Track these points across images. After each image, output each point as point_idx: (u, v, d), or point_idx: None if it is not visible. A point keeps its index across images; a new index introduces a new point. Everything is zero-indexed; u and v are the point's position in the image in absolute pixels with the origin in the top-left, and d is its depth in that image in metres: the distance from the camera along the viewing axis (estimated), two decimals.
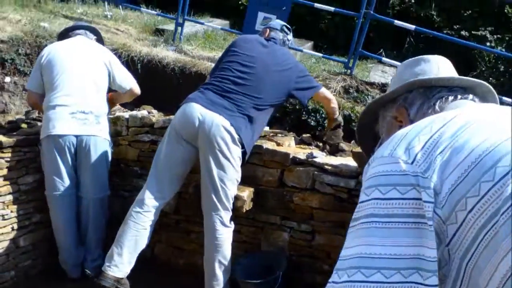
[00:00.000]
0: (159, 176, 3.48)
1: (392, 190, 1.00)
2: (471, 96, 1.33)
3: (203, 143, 3.30)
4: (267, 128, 4.20)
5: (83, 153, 3.78)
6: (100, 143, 3.80)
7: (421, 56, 1.50)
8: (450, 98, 1.30)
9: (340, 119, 3.96)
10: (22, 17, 5.17)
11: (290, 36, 3.94)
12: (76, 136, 3.72)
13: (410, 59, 1.53)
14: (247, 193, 3.61)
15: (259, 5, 5.15)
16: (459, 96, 1.31)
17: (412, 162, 1.01)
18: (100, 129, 3.79)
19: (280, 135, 4.03)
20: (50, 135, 3.71)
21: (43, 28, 4.98)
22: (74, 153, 3.79)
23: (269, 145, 3.74)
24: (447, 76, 1.38)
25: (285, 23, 3.96)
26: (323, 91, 3.78)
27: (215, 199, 3.33)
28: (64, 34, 4.08)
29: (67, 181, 3.83)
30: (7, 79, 4.71)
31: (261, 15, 5.14)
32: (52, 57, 3.82)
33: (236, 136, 3.29)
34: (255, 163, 3.74)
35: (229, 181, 3.34)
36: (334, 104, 3.84)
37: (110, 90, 3.96)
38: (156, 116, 4.20)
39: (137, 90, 4.00)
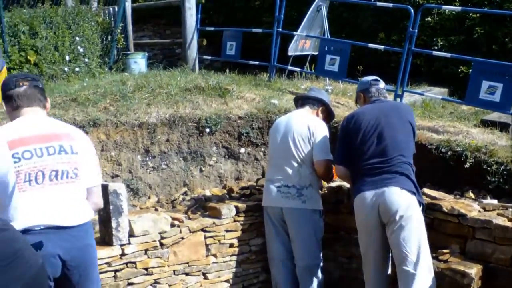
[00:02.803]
0: (370, 261, 3.67)
1: None
2: None
3: (388, 221, 3.46)
4: (495, 201, 3.95)
5: (289, 224, 4.08)
6: (305, 215, 4.02)
7: None
8: None
9: None
10: (256, 95, 5.84)
11: (381, 84, 3.90)
12: (281, 208, 4.06)
13: None
14: (474, 271, 3.41)
15: (483, 73, 4.95)
16: None
17: None
18: (303, 201, 4.01)
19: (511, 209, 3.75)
20: (263, 205, 4.19)
21: (273, 104, 5.54)
22: (284, 222, 4.11)
23: (499, 220, 3.50)
24: None
25: (374, 77, 3.96)
26: None
27: (412, 270, 3.35)
28: (297, 101, 4.45)
29: (280, 247, 4.16)
30: (242, 150, 5.33)
31: (485, 83, 4.93)
32: (271, 133, 4.28)
33: (412, 197, 3.43)
34: (483, 238, 3.54)
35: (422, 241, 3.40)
36: None
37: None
38: None
39: (324, 166, 4.01)
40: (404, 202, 3.40)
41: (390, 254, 3.61)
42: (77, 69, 6.41)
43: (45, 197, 2.50)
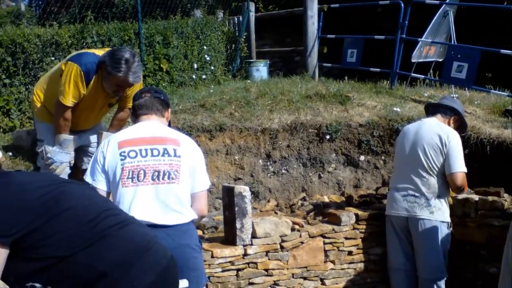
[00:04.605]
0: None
1: None
2: None
3: None
4: None
5: (415, 235, 3.96)
6: (431, 226, 3.88)
7: None
8: None
9: None
10: (377, 103, 5.76)
11: None
12: (407, 218, 3.95)
13: None
14: None
15: None
16: None
17: None
18: (431, 212, 3.89)
19: None
20: (387, 214, 4.11)
21: (395, 112, 5.44)
22: (408, 232, 4.00)
23: None
24: None
25: None
26: None
27: None
28: (427, 109, 4.31)
29: (402, 257, 4.06)
30: (362, 157, 5.29)
31: None
32: (399, 140, 4.20)
33: None
34: None
35: None
36: None
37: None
38: (508, 200, 4.04)
39: (459, 178, 3.87)
40: None
41: None
42: (203, 76, 6.76)
43: (144, 194, 2.64)
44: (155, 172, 2.68)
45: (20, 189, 1.98)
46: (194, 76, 6.57)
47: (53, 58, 5.14)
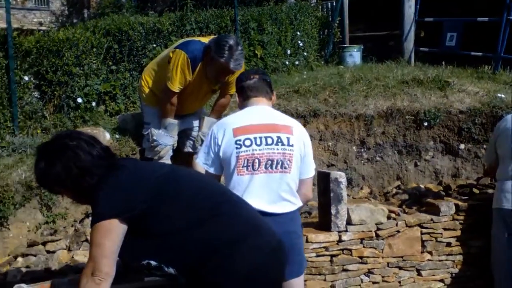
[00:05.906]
0: None
1: None
2: None
3: None
4: None
5: None
6: None
7: None
8: None
9: None
10: (479, 89, 5.48)
11: None
12: None
13: None
14: None
15: None
16: None
17: None
18: None
19: None
20: (497, 207, 3.83)
21: (499, 98, 5.15)
22: None
23: None
24: None
25: None
26: None
27: None
28: None
29: (510, 254, 3.78)
30: (462, 146, 5.07)
31: None
32: (506, 128, 3.86)
33: None
34: None
35: None
36: None
37: None
38: None
39: None
40: None
41: None
42: (296, 62, 6.76)
43: (258, 183, 2.67)
44: (268, 161, 2.70)
45: (139, 173, 2.13)
46: (287, 62, 6.60)
47: (155, 45, 5.36)
